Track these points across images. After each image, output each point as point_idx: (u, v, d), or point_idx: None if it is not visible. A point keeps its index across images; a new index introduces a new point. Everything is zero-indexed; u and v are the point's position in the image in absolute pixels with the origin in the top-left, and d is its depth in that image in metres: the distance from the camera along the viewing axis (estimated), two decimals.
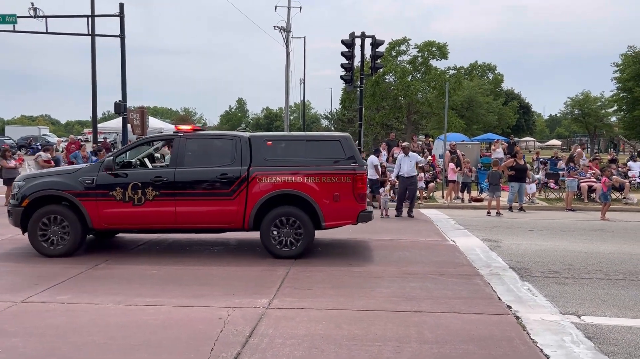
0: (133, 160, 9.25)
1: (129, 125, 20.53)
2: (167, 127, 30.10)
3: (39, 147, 40.88)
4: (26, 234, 8.17)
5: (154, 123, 29.34)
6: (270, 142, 8.52)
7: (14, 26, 19.75)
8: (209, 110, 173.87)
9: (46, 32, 19.98)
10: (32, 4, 19.59)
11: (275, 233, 8.18)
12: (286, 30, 32.77)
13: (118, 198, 8.06)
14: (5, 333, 4.86)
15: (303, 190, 8.08)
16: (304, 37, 48.26)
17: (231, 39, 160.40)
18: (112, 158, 8.27)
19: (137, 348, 4.64)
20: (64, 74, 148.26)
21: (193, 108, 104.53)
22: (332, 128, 59.74)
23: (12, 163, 14.21)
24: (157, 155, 10.37)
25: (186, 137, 8.46)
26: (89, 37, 21.31)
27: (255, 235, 8.72)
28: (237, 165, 8.17)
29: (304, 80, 48.14)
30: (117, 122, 28.01)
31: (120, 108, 20.08)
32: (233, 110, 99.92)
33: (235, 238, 9.68)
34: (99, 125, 25.31)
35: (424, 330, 5.17)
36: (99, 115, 23.65)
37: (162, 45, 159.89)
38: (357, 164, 8.27)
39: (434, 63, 32.42)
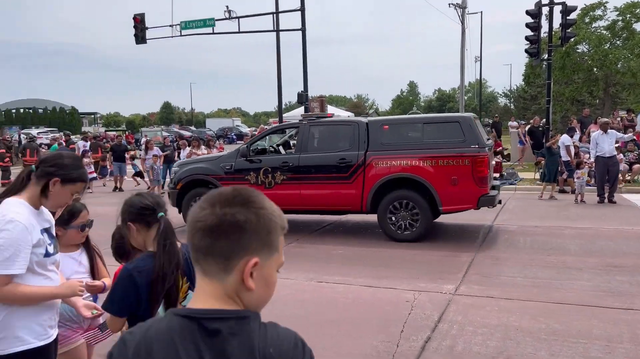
0: (267, 147, 9.96)
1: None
2: (343, 114, 31.14)
3: (234, 137, 45.71)
4: (181, 214, 9.18)
5: (331, 111, 30.61)
6: (386, 126, 8.49)
7: (212, 29, 22.20)
8: (381, 95, 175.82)
9: (239, 32, 22.06)
10: (227, 6, 21.74)
11: (392, 216, 8.12)
12: (461, 7, 31.38)
13: (252, 182, 8.74)
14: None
15: (419, 174, 7.94)
16: (481, 12, 45.57)
17: (402, 22, 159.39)
18: (246, 146, 9.18)
19: (330, 324, 4.90)
20: (251, 69, 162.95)
21: (365, 94, 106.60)
22: (512, 106, 55.91)
23: (214, 151, 16.10)
24: (293, 142, 10.87)
25: (310, 124, 8.95)
26: (274, 33, 22.96)
27: (437, 220, 8.70)
28: (355, 150, 8.31)
29: (480, 57, 45.74)
30: (299, 112, 29.86)
31: (303, 98, 21.34)
32: (404, 94, 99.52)
33: None
34: (283, 115, 27.28)
35: (638, 330, 4.57)
36: (283, 106, 25.43)
37: (334, 34, 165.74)
38: (477, 146, 7.78)
39: (638, 27, 28.19)
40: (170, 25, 22.51)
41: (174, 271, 2.19)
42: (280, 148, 10.13)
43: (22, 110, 72.34)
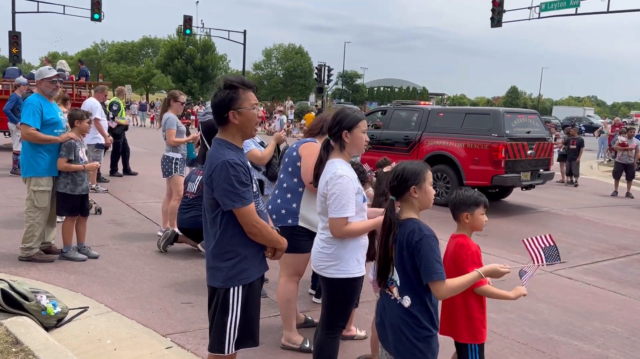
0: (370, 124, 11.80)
1: None
2: None
3: (582, 128, 41.39)
4: None
5: None
6: (441, 114, 10.61)
7: (576, 9, 20.44)
8: None
9: (607, 12, 19.68)
10: None
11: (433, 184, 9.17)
12: None
13: None
14: (534, 296, 5.34)
15: (452, 153, 9.88)
16: None
17: None
18: None
19: None
20: (617, 54, 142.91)
21: None
22: None
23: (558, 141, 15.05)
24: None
25: (394, 108, 11.67)
26: None
27: None
28: (416, 130, 10.62)
29: None
30: None
31: None
32: None
33: None
34: None
35: None
36: None
37: None
38: (496, 135, 9.41)
39: None
40: (529, 7, 21.81)
41: None
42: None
43: (382, 88, 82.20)
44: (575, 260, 6.78)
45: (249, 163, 2.66)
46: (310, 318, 4.33)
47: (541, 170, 10.28)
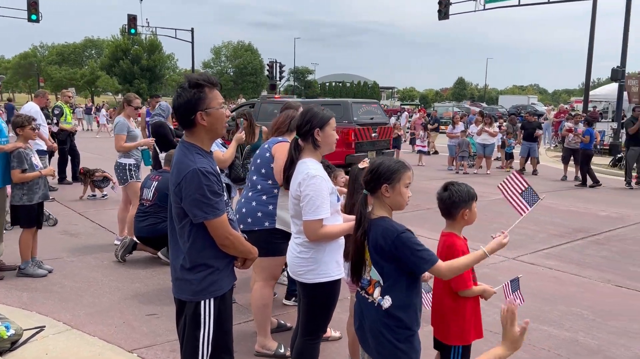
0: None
1: (625, 93, 18.83)
2: None
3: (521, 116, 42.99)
4: None
5: None
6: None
7: (519, 0, 21.03)
8: None
9: (548, 2, 20.35)
10: None
11: None
12: None
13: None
14: (499, 283, 5.40)
15: None
16: None
17: None
18: None
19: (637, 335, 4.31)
20: (556, 44, 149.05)
21: None
22: None
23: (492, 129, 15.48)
24: None
25: (262, 102, 12.82)
26: (589, 2, 20.40)
27: None
28: None
29: None
30: (608, 89, 26.17)
31: (618, 75, 18.57)
32: None
33: None
34: (590, 93, 24.26)
35: None
36: (590, 83, 22.53)
37: None
38: (347, 121, 10.95)
39: None
40: None
41: None
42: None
43: (333, 84, 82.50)
44: (536, 245, 6.95)
45: (218, 169, 2.52)
46: (282, 321, 4.22)
47: (384, 150, 12.02)
